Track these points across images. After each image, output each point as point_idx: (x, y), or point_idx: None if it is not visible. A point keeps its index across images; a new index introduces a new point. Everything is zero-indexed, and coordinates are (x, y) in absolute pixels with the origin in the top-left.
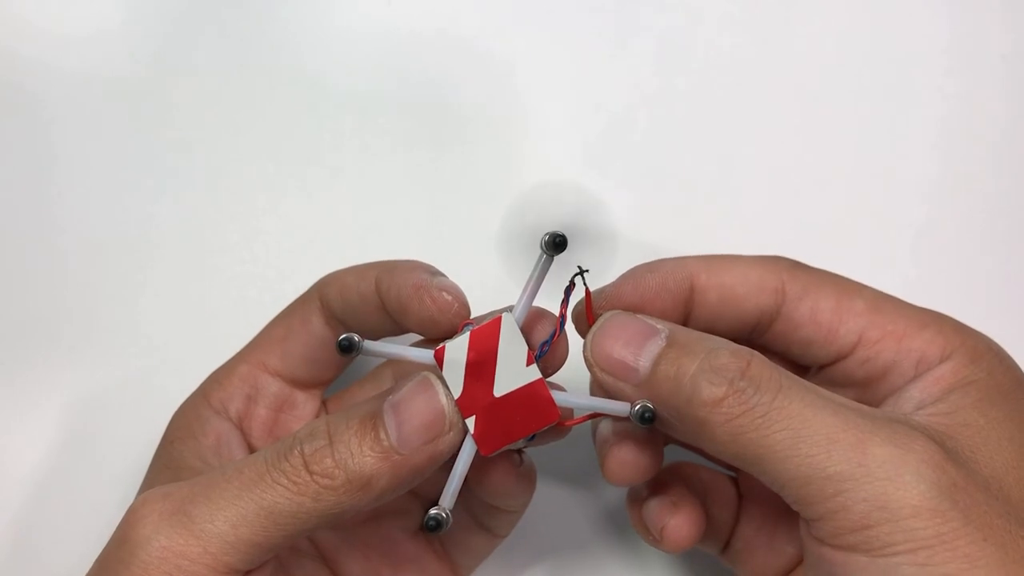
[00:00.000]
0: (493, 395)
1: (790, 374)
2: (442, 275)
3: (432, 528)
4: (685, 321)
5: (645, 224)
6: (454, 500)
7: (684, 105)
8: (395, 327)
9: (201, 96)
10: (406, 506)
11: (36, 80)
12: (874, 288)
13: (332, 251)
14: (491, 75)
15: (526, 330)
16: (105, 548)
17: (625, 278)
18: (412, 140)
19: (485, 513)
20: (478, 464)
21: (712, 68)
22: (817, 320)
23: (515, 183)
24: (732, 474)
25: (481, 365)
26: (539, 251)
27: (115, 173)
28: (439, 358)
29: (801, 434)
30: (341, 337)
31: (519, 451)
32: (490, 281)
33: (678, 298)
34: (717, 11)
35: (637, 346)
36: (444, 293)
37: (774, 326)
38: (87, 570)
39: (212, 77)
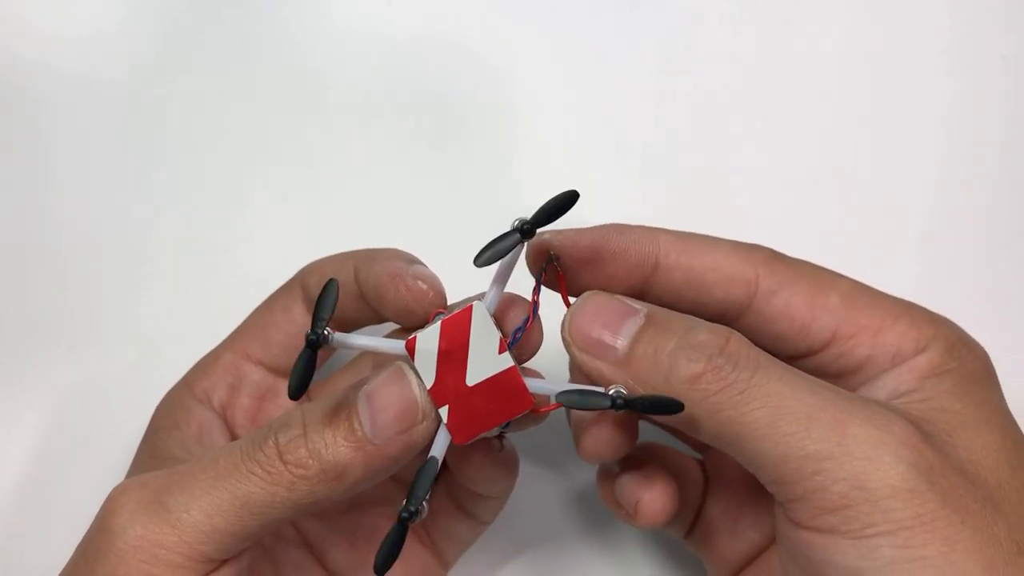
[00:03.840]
0: (466, 384)
1: (768, 354)
2: (420, 263)
3: (405, 519)
4: (640, 294)
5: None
6: (429, 489)
7: (684, 105)
8: (376, 316)
9: (200, 96)
10: (390, 494)
11: (35, 80)
12: (850, 279)
13: (332, 251)
14: (491, 75)
15: (499, 317)
16: (84, 537)
17: (590, 230)
18: (413, 140)
19: (468, 500)
20: (457, 451)
21: (712, 69)
22: (790, 316)
23: (514, 182)
24: (698, 456)
25: (453, 354)
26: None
27: (113, 172)
28: (410, 348)
29: (780, 412)
30: (308, 332)
31: (499, 437)
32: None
33: (635, 269)
34: (717, 12)
35: (615, 325)
36: (419, 282)
37: (744, 318)
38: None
39: (212, 77)
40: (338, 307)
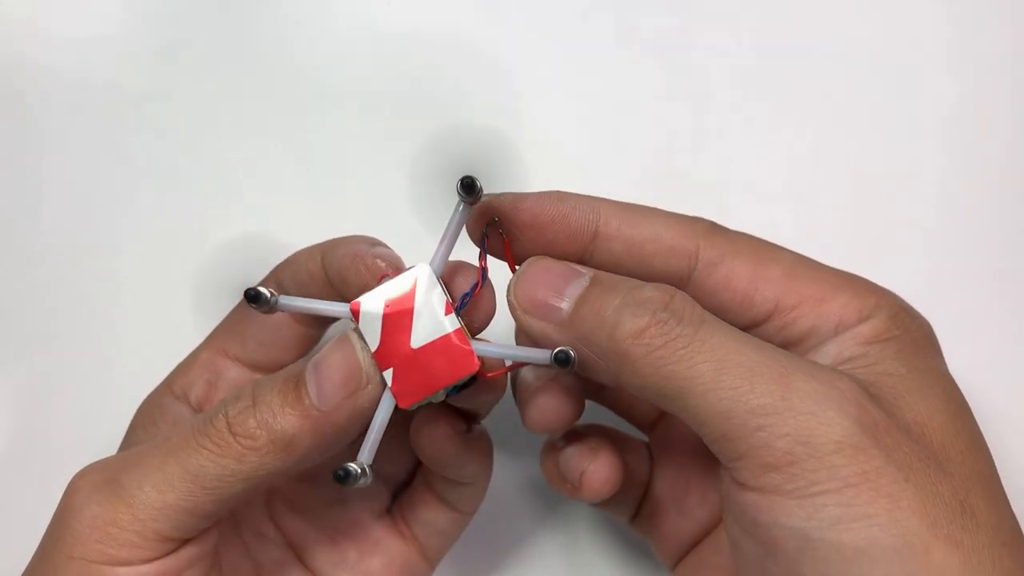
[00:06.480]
0: (410, 347)
1: (713, 314)
2: (383, 246)
3: (340, 479)
4: (581, 263)
5: None
6: (372, 454)
7: (682, 104)
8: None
9: (193, 95)
10: (373, 489)
11: (33, 79)
12: (791, 251)
13: None
14: (489, 73)
15: (448, 283)
16: (48, 524)
17: (530, 194)
18: (412, 140)
19: (444, 487)
20: (419, 431)
21: (713, 68)
22: (732, 287)
23: (515, 178)
24: (645, 438)
25: (398, 317)
26: (456, 199)
27: (112, 170)
28: (355, 311)
29: (725, 365)
30: (247, 288)
31: (470, 420)
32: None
33: (575, 236)
34: (718, 11)
35: (560, 287)
36: (378, 260)
37: (685, 289)
38: None
39: (211, 79)
40: (311, 296)
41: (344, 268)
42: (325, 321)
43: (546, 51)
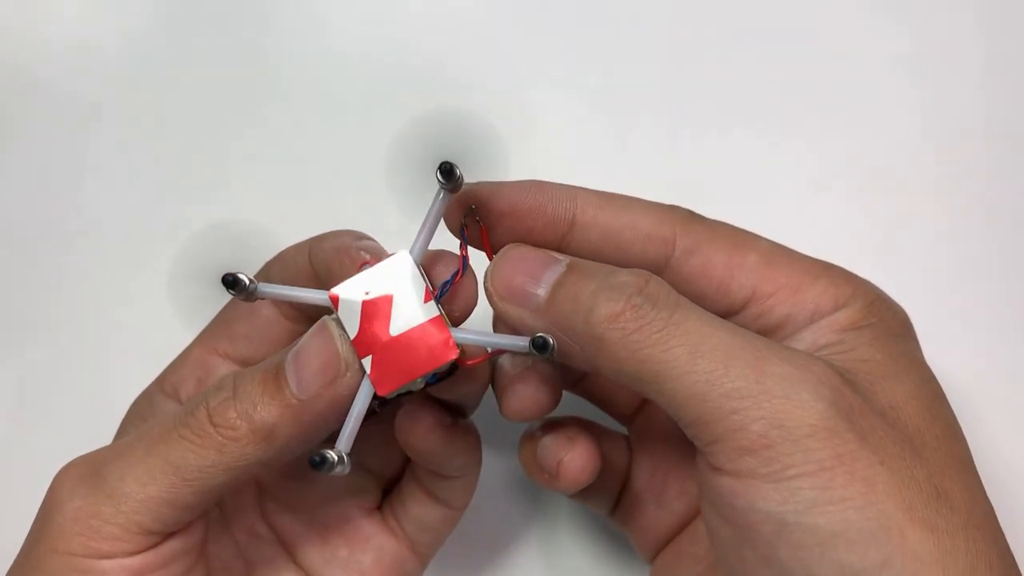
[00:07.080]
0: (389, 334)
1: (688, 299)
2: (369, 239)
3: (316, 464)
4: (559, 251)
5: None
6: (351, 443)
7: (679, 102)
8: None
9: (191, 90)
10: (363, 485)
11: (23, 71)
12: (768, 240)
13: None
14: (491, 64)
15: (430, 271)
16: (34, 518)
17: (509, 183)
18: (396, 128)
19: (432, 482)
20: (409, 423)
21: (709, 67)
22: (709, 275)
23: (517, 173)
24: (624, 431)
25: (377, 304)
26: (437, 186)
27: (108, 166)
28: (334, 298)
29: (699, 349)
30: (226, 273)
31: (457, 414)
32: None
33: (552, 224)
34: (713, 16)
35: (537, 273)
36: (363, 253)
37: (663, 276)
38: None
39: (211, 71)
40: None
41: (329, 261)
42: (313, 315)
43: (543, 41)
